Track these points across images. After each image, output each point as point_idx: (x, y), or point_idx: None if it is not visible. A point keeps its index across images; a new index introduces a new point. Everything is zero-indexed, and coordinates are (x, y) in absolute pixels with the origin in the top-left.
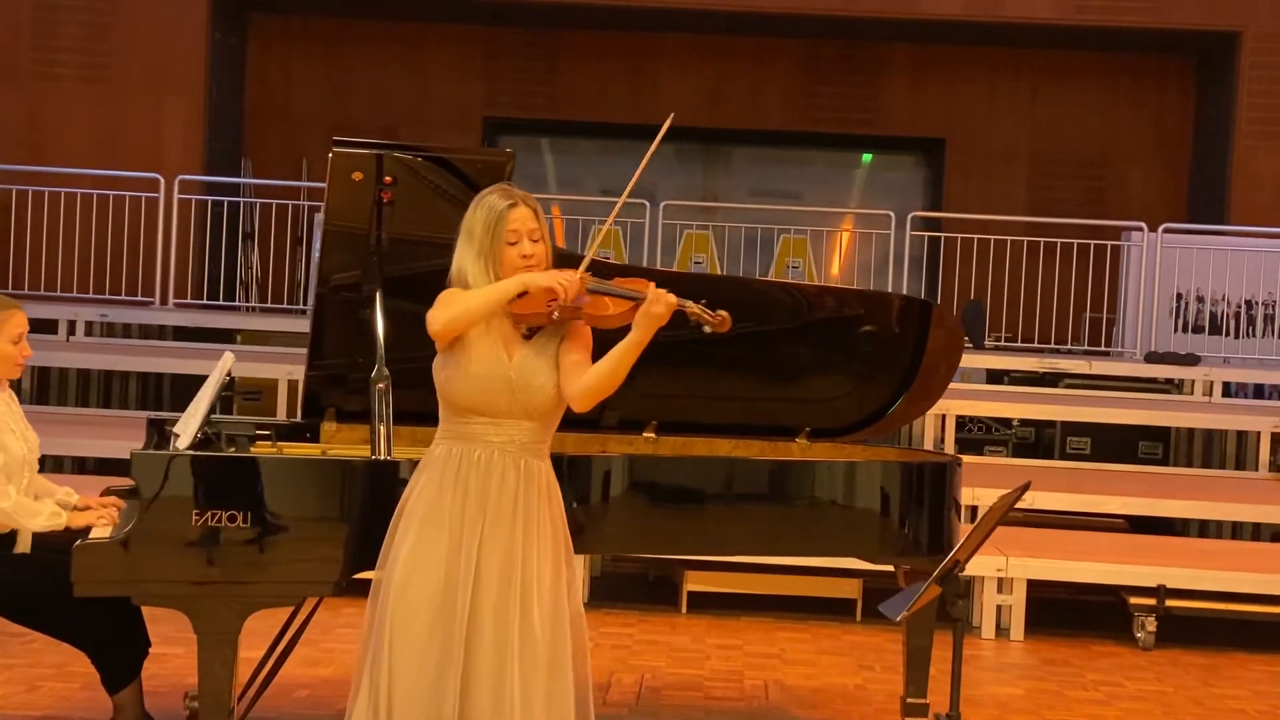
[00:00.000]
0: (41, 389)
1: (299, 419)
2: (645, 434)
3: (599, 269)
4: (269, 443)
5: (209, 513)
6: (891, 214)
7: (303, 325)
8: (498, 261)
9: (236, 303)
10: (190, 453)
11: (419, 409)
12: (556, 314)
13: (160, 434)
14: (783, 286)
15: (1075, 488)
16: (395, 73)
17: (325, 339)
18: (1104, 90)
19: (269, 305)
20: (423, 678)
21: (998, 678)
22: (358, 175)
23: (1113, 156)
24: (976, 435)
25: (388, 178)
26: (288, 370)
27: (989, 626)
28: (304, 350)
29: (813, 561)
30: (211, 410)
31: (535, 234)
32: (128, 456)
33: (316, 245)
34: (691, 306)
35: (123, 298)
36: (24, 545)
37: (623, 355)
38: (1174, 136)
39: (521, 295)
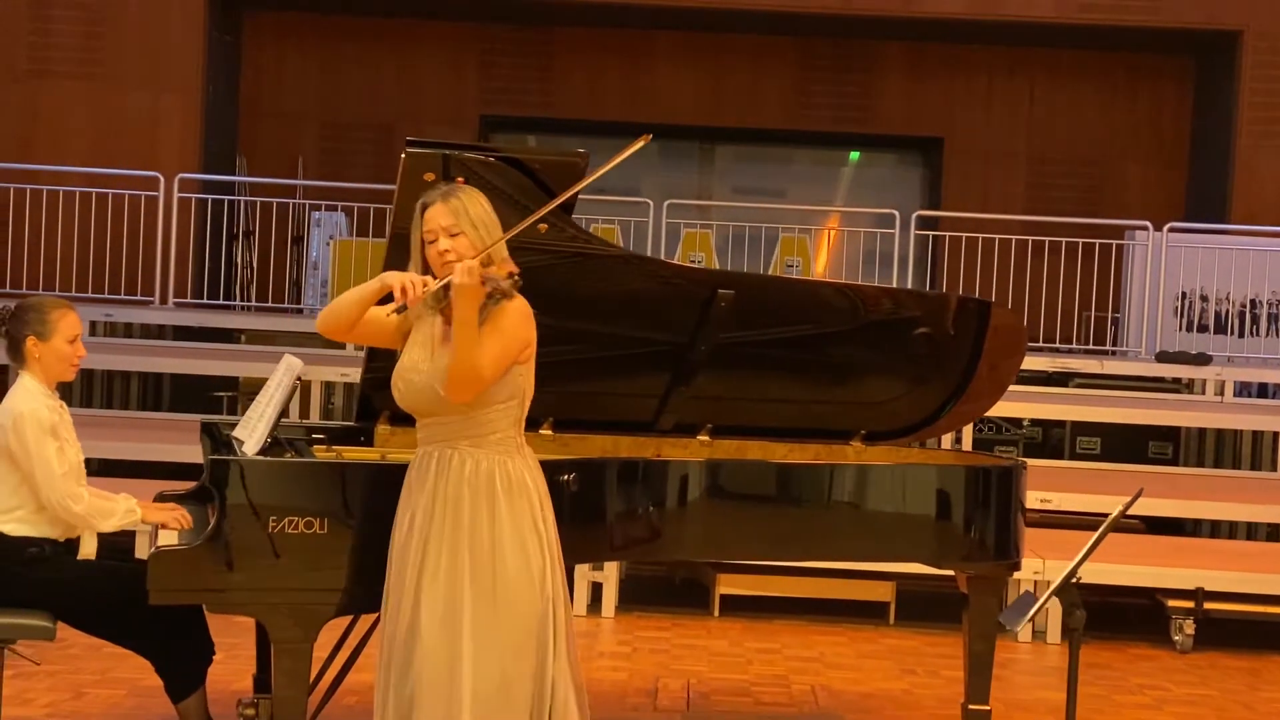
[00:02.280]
0: None
1: (353, 422)
2: (700, 437)
3: None
4: (323, 446)
5: (286, 519)
6: (896, 213)
7: (305, 325)
8: (424, 261)
9: (236, 302)
10: (268, 458)
11: None
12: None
13: (214, 438)
14: (839, 288)
15: (1090, 488)
16: (390, 70)
17: None
18: (1101, 89)
19: (270, 305)
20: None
21: (1042, 681)
22: (430, 176)
23: (1110, 155)
24: (987, 435)
25: (459, 179)
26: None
27: (1025, 629)
28: (314, 350)
29: (847, 564)
30: (281, 415)
31: (452, 228)
32: (133, 458)
33: (314, 245)
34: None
35: (122, 297)
36: (88, 551)
37: (455, 337)
38: (1172, 136)
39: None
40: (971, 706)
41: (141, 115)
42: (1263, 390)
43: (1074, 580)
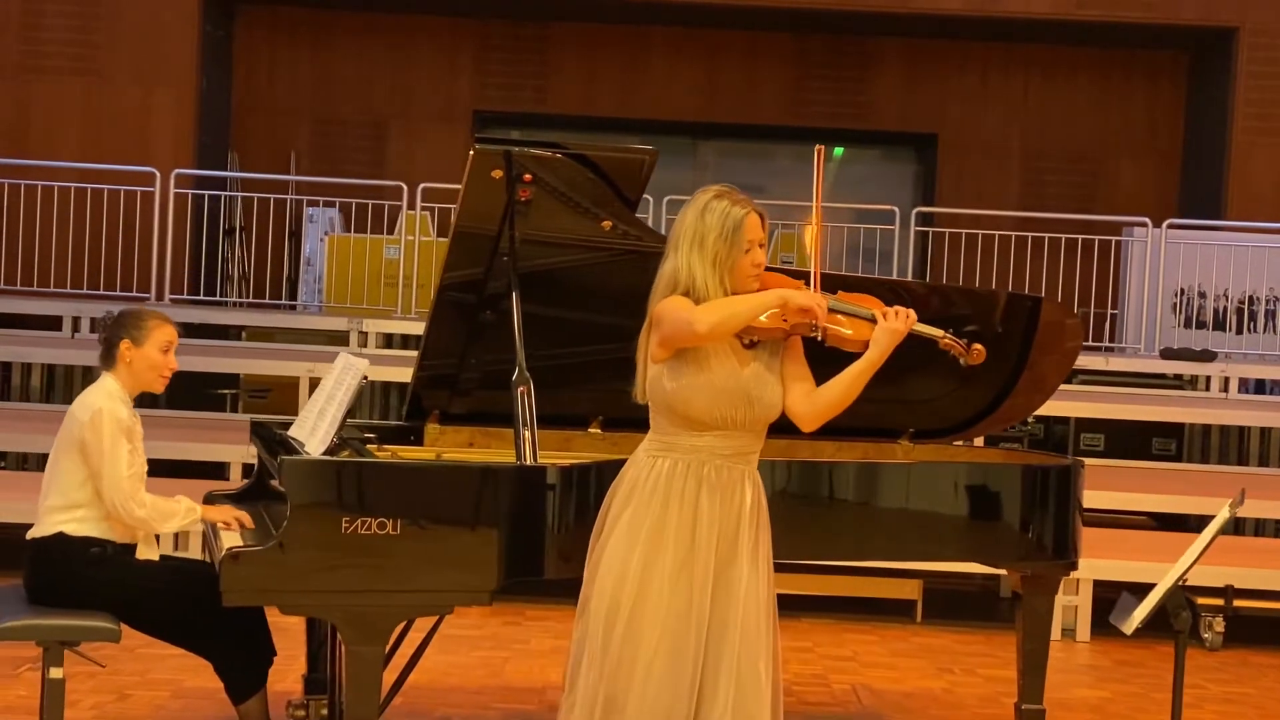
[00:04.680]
0: (49, 387)
1: (403, 421)
2: None
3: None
4: (375, 446)
5: (359, 520)
6: (896, 210)
7: (305, 321)
8: (733, 269)
9: (231, 298)
10: (340, 459)
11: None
12: (793, 331)
13: (264, 438)
14: (889, 286)
15: (1094, 485)
16: (384, 66)
17: (440, 339)
18: (1095, 85)
19: (266, 301)
20: (659, 701)
21: (1078, 680)
22: (497, 173)
23: (1104, 152)
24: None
25: (527, 175)
26: (308, 368)
27: (1055, 628)
28: (315, 348)
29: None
30: (346, 416)
31: (763, 240)
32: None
33: (307, 241)
34: (942, 336)
35: (117, 293)
36: (150, 553)
37: (859, 375)
38: (1165, 132)
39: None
40: (1025, 706)
41: (135, 110)
42: (1260, 386)
43: (1182, 582)
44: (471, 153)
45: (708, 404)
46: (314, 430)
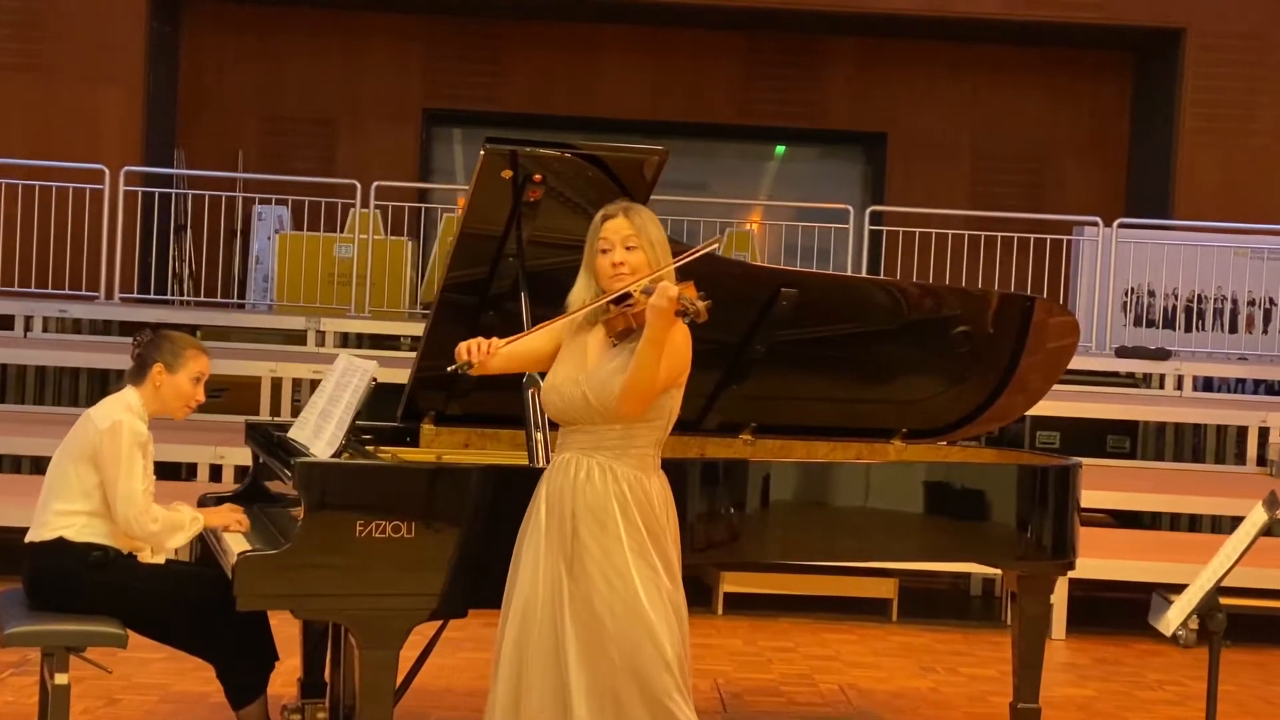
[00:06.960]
0: (3, 387)
1: (397, 422)
2: (742, 436)
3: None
4: (373, 448)
5: (374, 523)
6: (850, 208)
7: (258, 320)
8: (595, 271)
9: (178, 297)
10: (357, 462)
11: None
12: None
13: (261, 440)
14: (882, 286)
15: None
16: (333, 63)
17: (441, 340)
18: (1043, 85)
19: (217, 300)
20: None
21: (1059, 678)
22: (507, 173)
23: (1052, 151)
24: None
25: (536, 175)
26: (270, 368)
27: None
28: (273, 346)
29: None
30: (355, 419)
31: (630, 241)
32: None
33: (254, 240)
34: (685, 300)
35: (66, 292)
36: (156, 556)
37: (639, 354)
38: (1111, 132)
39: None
40: (1021, 705)
41: (82, 107)
42: (1208, 384)
43: (1218, 584)
44: (482, 153)
45: (550, 402)
46: (318, 432)
